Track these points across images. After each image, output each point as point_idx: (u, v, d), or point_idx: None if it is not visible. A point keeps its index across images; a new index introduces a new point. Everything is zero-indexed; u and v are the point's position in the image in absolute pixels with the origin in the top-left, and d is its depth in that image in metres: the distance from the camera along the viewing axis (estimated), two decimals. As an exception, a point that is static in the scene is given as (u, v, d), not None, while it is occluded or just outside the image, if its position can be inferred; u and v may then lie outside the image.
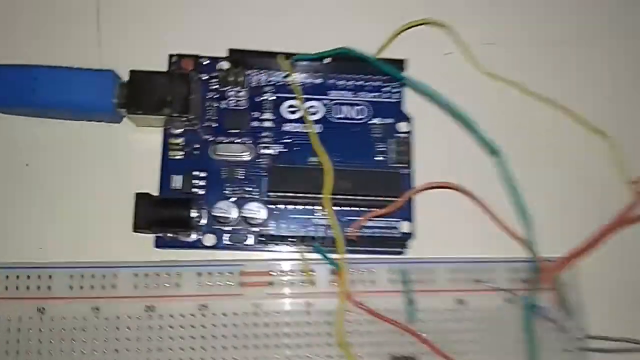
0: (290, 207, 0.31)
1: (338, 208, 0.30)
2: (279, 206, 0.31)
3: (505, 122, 0.32)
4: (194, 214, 0.29)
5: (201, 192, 0.31)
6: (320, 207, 0.30)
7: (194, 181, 0.31)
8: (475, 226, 0.31)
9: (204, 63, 0.32)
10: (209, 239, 0.30)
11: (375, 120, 0.32)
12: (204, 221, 0.30)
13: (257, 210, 0.30)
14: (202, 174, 0.31)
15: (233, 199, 0.30)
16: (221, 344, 0.28)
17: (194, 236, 0.30)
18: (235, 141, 0.31)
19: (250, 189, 0.31)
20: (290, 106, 0.32)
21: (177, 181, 0.30)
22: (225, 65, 0.32)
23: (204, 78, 0.32)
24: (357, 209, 0.30)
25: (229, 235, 0.30)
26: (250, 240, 0.30)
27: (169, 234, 0.30)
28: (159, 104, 0.29)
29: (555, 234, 0.30)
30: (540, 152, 0.32)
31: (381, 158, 0.31)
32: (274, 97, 0.32)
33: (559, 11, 0.34)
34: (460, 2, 0.34)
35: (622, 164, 0.32)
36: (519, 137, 0.32)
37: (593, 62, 0.34)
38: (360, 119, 0.32)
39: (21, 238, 0.30)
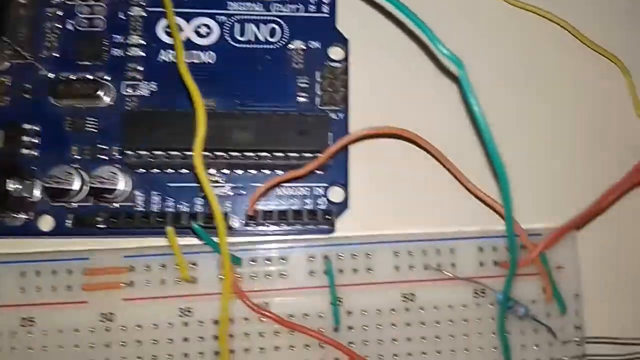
0: (157, 171, 0.25)
1: (240, 172, 0.25)
2: (142, 171, 0.25)
3: (490, 37, 0.27)
4: (13, 185, 0.23)
5: (34, 153, 0.24)
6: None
7: (23, 138, 0.24)
8: (432, 190, 0.26)
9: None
10: (46, 222, 0.24)
11: (296, 44, 0.26)
12: (37, 196, 0.24)
13: (110, 178, 0.24)
14: (36, 128, 0.25)
15: (76, 164, 0.24)
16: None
17: (22, 217, 0.24)
18: (87, 77, 0.25)
19: (105, 147, 0.25)
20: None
21: (-4, 138, 0.24)
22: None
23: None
24: (267, 171, 0.25)
25: (72, 215, 0.24)
26: (102, 222, 0.24)
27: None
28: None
29: (544, 198, 0.26)
30: (533, 78, 0.27)
31: (304, 99, 0.26)
32: (144, 13, 0.26)
33: None
34: None
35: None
36: (508, 57, 0.27)
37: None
38: (274, 43, 0.26)
39: None
